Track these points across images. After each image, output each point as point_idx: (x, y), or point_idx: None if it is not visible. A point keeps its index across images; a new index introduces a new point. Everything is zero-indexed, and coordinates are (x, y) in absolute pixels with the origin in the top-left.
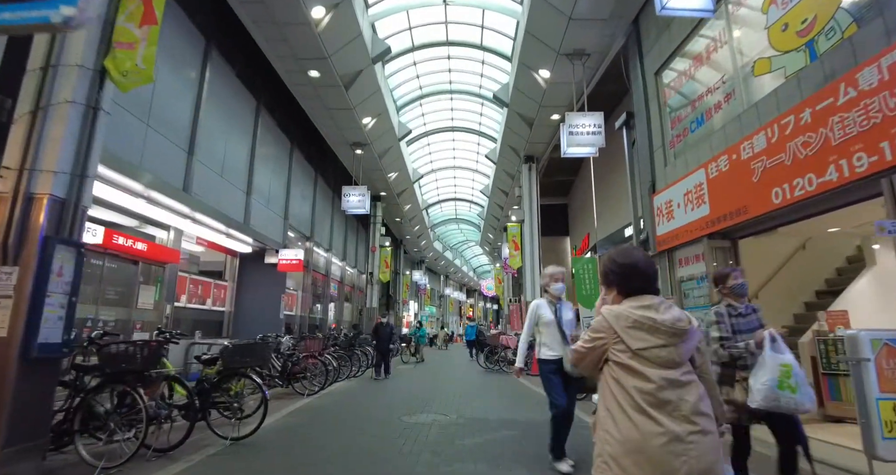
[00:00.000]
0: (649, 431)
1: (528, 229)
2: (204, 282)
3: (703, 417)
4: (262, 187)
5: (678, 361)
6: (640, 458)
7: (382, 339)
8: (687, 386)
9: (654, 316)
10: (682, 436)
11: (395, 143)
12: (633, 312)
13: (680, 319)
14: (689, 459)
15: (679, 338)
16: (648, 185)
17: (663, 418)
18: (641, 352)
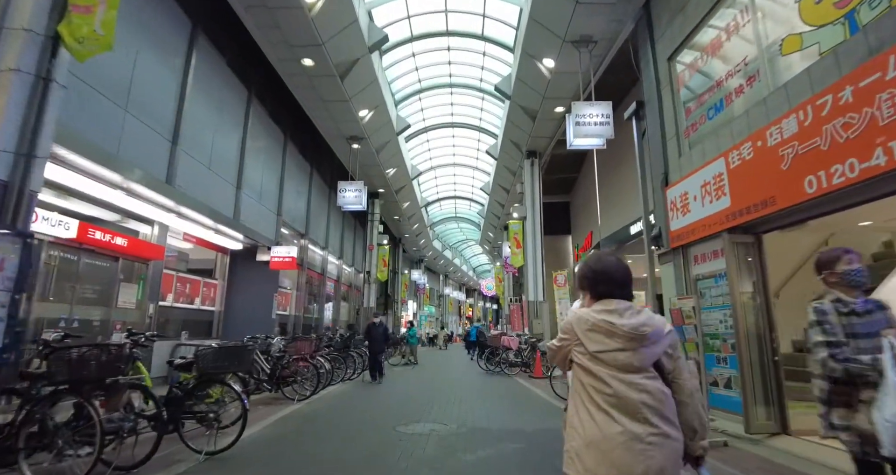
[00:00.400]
0: (610, 431)
1: (530, 226)
2: (192, 280)
3: (665, 422)
4: (254, 181)
5: (637, 366)
6: (600, 454)
7: (375, 341)
8: (646, 390)
9: (614, 320)
10: (641, 436)
11: (393, 138)
12: (594, 316)
13: (644, 325)
14: (647, 459)
15: (637, 343)
16: (661, 177)
17: (624, 418)
18: (598, 354)
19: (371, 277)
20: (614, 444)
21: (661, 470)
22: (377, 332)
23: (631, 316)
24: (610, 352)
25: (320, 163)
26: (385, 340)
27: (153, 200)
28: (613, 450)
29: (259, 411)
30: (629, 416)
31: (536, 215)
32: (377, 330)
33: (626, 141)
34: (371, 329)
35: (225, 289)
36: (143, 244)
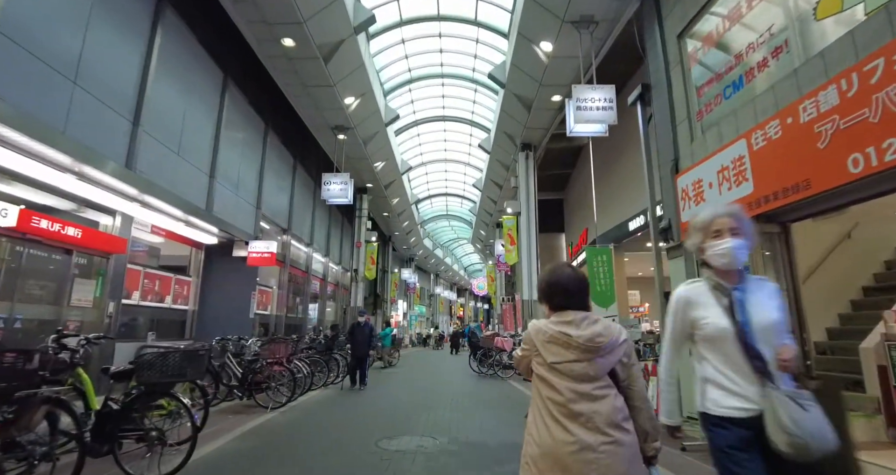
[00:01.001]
0: (561, 439)
1: (524, 222)
2: (162, 276)
3: (617, 429)
4: (230, 171)
5: (592, 375)
6: (553, 463)
7: (359, 343)
8: (601, 399)
9: (571, 331)
10: (593, 446)
11: (382, 129)
12: (552, 328)
13: (599, 335)
14: (599, 467)
15: (593, 354)
16: (671, 164)
17: (575, 428)
18: (556, 365)
19: (358, 276)
20: (567, 453)
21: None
22: (362, 334)
23: (587, 326)
24: (566, 363)
25: (305, 155)
26: (370, 342)
27: (111, 187)
28: (566, 458)
29: (226, 422)
30: (582, 426)
31: (531, 210)
32: (362, 331)
33: (625, 133)
34: (355, 330)
35: (199, 286)
36: (102, 236)
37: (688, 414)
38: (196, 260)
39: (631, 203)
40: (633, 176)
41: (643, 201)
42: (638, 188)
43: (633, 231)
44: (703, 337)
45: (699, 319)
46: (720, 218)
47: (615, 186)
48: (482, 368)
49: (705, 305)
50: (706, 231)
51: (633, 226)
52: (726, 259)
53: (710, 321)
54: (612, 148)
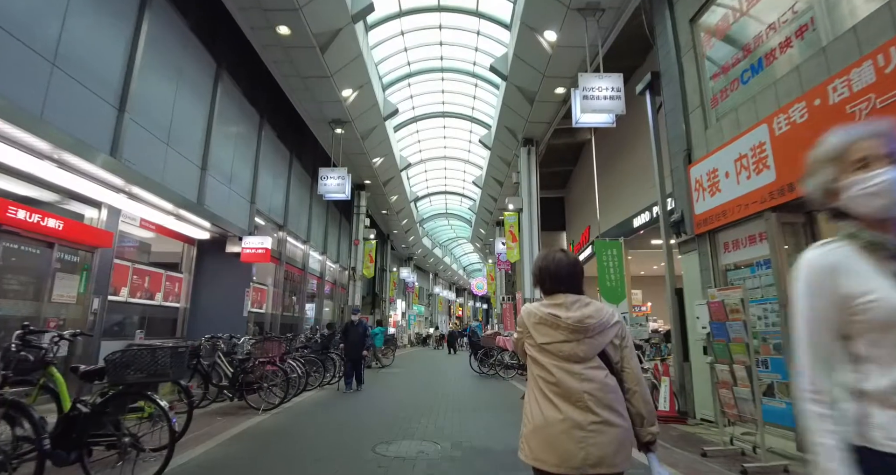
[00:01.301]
0: (552, 417)
1: (526, 218)
2: (153, 273)
3: (608, 410)
4: (223, 164)
5: (582, 356)
6: (544, 440)
7: (353, 343)
8: (590, 380)
9: (560, 313)
10: (582, 424)
11: (380, 123)
12: (542, 310)
13: (589, 316)
14: (588, 446)
15: (582, 334)
16: (683, 154)
17: (565, 406)
18: (545, 346)
19: (356, 274)
20: (557, 431)
21: (601, 457)
22: (356, 334)
23: (578, 308)
24: (555, 344)
25: (301, 150)
26: (364, 342)
27: (95, 176)
28: (556, 436)
29: (215, 424)
30: (571, 405)
31: (533, 206)
32: (356, 330)
33: (629, 127)
34: (349, 329)
35: (191, 283)
36: (86, 229)
37: (702, 415)
38: (188, 256)
39: (635, 199)
40: (637, 171)
41: (648, 197)
42: (642, 184)
43: (637, 228)
44: (868, 325)
45: (858, 297)
46: (864, 140)
47: (618, 183)
48: (483, 368)
49: (862, 275)
50: (843, 161)
51: (637, 222)
52: (884, 200)
53: (878, 298)
54: (615, 143)
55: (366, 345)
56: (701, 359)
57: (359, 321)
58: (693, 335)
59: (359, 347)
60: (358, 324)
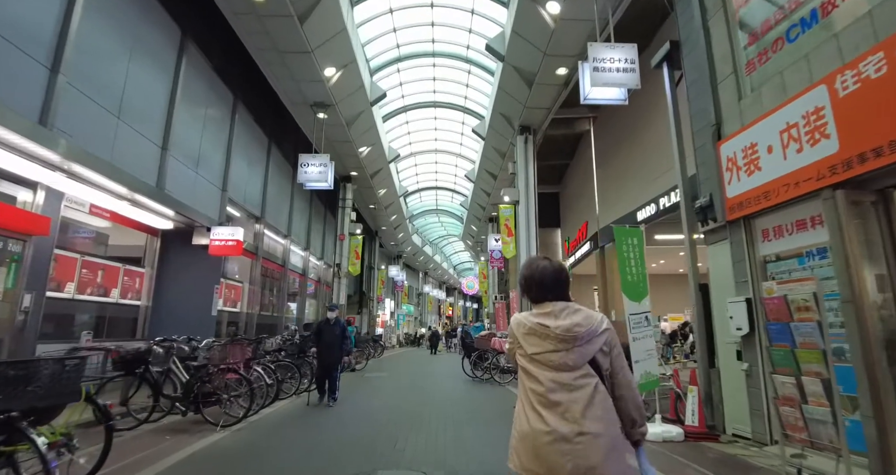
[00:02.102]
0: (539, 429)
1: (523, 211)
2: (108, 266)
3: (595, 421)
4: (188, 145)
5: (571, 365)
6: (531, 452)
7: (328, 346)
8: (579, 389)
9: (548, 322)
10: (568, 437)
11: (367, 108)
12: (531, 319)
13: (578, 325)
14: (574, 458)
15: (570, 343)
16: (711, 130)
17: (552, 418)
18: (535, 356)
19: (341, 271)
20: (542, 443)
21: (590, 467)
22: (331, 334)
23: (566, 316)
24: (545, 354)
25: (281, 137)
26: (342, 345)
27: (19, 148)
28: (542, 448)
29: (161, 445)
30: (558, 416)
31: (531, 198)
32: (331, 330)
33: (632, 113)
34: (322, 329)
35: (154, 278)
36: (15, 213)
37: (734, 430)
38: (151, 249)
39: (638, 191)
40: (641, 161)
41: (654, 188)
42: (647, 173)
43: (641, 221)
44: None
45: None
46: None
47: (619, 175)
48: (476, 372)
49: None
50: None
51: (641, 215)
52: None
53: None
54: (617, 132)
55: (345, 349)
56: (733, 364)
57: (335, 319)
58: (723, 337)
59: (335, 351)
60: (335, 323)
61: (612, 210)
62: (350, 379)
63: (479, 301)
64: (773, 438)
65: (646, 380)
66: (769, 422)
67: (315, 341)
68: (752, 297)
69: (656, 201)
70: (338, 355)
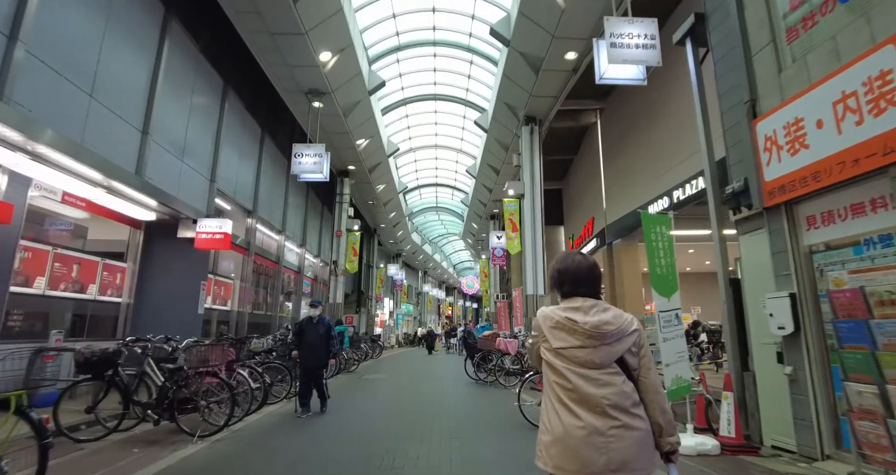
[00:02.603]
0: (571, 424)
1: (528, 205)
2: (84, 260)
3: (626, 414)
4: (173, 131)
5: (598, 363)
6: (563, 448)
7: (312, 347)
8: (607, 385)
9: (577, 317)
10: (601, 430)
11: (365, 97)
12: (559, 313)
13: (607, 323)
14: (609, 451)
15: (598, 341)
16: (743, 108)
17: (583, 412)
18: (561, 350)
19: (338, 268)
20: (576, 438)
21: (623, 462)
22: (315, 334)
23: (595, 313)
24: (571, 349)
25: (276, 128)
26: (328, 346)
27: None
28: (576, 444)
29: (127, 460)
30: (589, 410)
31: (536, 192)
32: (315, 329)
33: (643, 101)
34: (304, 328)
35: (137, 274)
36: None
37: (773, 441)
38: (134, 242)
39: (650, 184)
40: (652, 152)
41: (667, 180)
42: (659, 165)
43: None
44: None
45: None
46: None
47: (627, 168)
48: (480, 374)
49: None
50: None
51: (653, 209)
52: None
53: None
54: (625, 123)
55: (332, 350)
56: (772, 368)
57: (319, 317)
58: (759, 337)
59: (319, 353)
60: (318, 321)
61: (619, 205)
62: (346, 381)
63: (478, 301)
64: (825, 453)
65: (677, 386)
66: (819, 434)
67: (296, 343)
68: (796, 292)
69: (669, 194)
70: (323, 358)
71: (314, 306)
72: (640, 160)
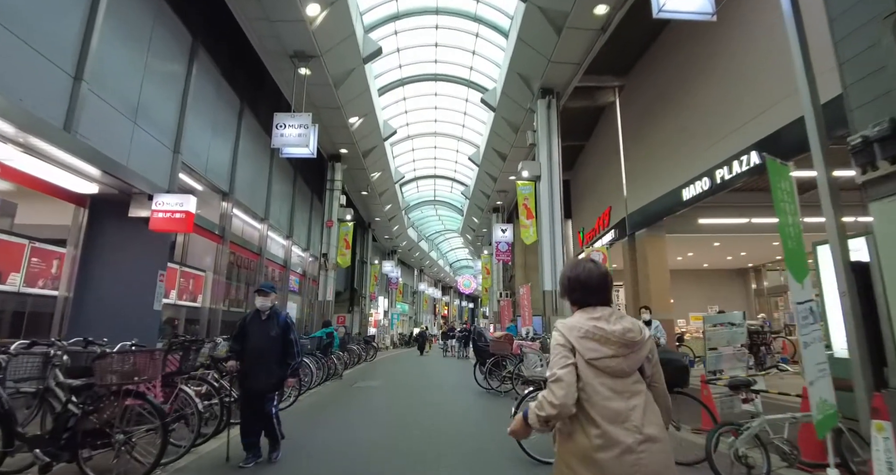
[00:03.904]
0: (600, 444)
1: (545, 188)
2: (4, 243)
3: (652, 425)
4: (122, 83)
5: (627, 371)
6: (593, 468)
7: (257, 358)
8: (636, 395)
9: (605, 326)
10: (633, 448)
11: (359, 66)
12: (586, 323)
13: (630, 330)
14: (640, 468)
15: (629, 349)
16: (890, 21)
17: (614, 429)
18: (594, 361)
19: (329, 262)
20: (609, 458)
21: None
22: (263, 336)
23: (616, 321)
24: (604, 359)
25: (258, 101)
26: (284, 359)
27: None
28: (608, 463)
29: None
30: (619, 426)
31: (555, 172)
32: (263, 329)
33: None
34: (249, 329)
35: (78, 261)
36: None
37: None
38: (76, 222)
39: (684, 165)
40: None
41: (709, 156)
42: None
43: (687, 201)
44: None
45: None
46: None
47: (653, 150)
48: (492, 383)
49: None
50: None
51: (688, 193)
52: None
53: None
54: (648, 100)
55: (291, 364)
56: None
57: (271, 311)
58: None
59: (269, 368)
60: (269, 317)
61: (643, 192)
62: (333, 391)
63: (475, 300)
64: None
65: (823, 415)
66: None
67: (237, 351)
68: None
69: (710, 174)
70: (275, 375)
71: (263, 294)
72: (670, 139)
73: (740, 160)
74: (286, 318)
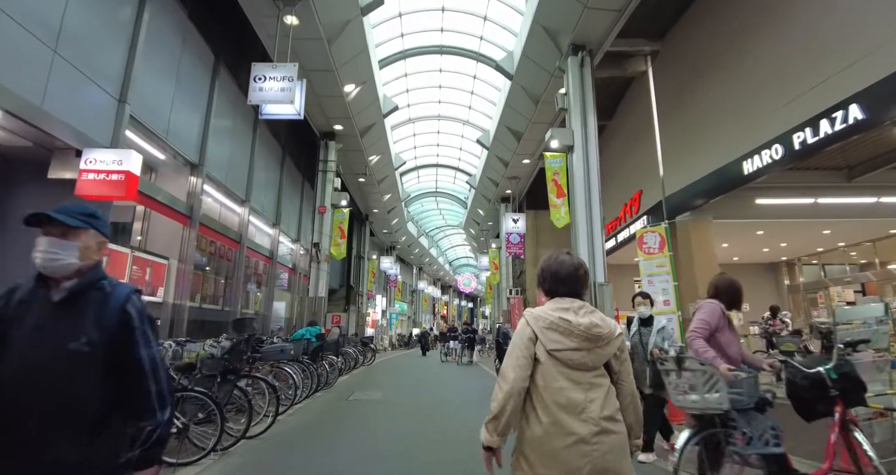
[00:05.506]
0: (554, 432)
1: (579, 159)
2: None
3: (608, 420)
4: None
5: (591, 366)
6: (546, 457)
7: (20, 409)
8: (597, 388)
9: (570, 318)
10: (587, 438)
11: (357, 17)
12: (551, 314)
13: (597, 325)
14: (593, 459)
15: (592, 343)
16: None
17: (569, 419)
18: (555, 352)
19: (321, 253)
20: (561, 446)
21: (605, 470)
22: (42, 339)
23: (585, 314)
24: (566, 351)
25: (237, 59)
26: (119, 409)
27: None
28: (560, 451)
29: None
30: (576, 417)
31: (591, 140)
32: (50, 325)
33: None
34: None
35: None
36: None
37: None
38: None
39: (743, 132)
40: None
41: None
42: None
43: (749, 176)
44: None
45: None
46: None
47: (697, 121)
48: None
49: None
50: None
51: (749, 167)
52: None
53: None
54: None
55: (146, 423)
56: None
57: (85, 280)
58: None
59: (46, 435)
60: (74, 294)
61: (683, 171)
62: (322, 408)
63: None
64: None
65: None
66: None
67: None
68: None
69: (785, 139)
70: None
71: (50, 226)
72: (720, 107)
73: (832, 118)
74: (130, 304)
